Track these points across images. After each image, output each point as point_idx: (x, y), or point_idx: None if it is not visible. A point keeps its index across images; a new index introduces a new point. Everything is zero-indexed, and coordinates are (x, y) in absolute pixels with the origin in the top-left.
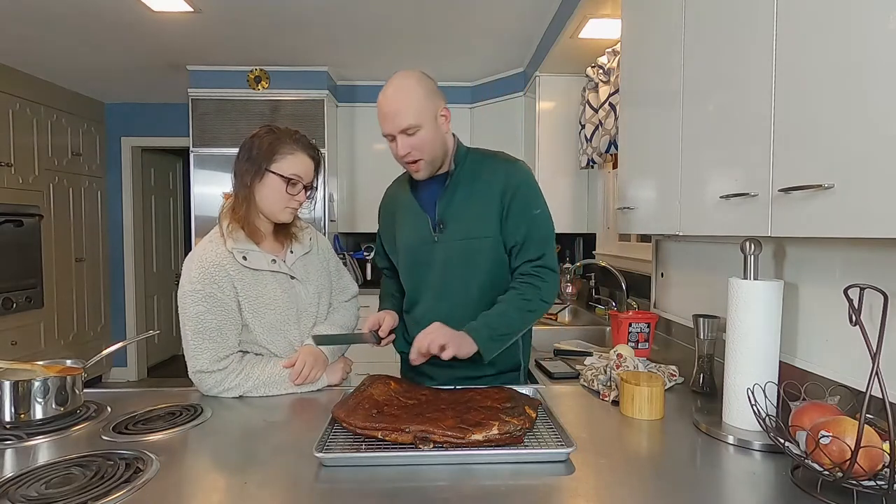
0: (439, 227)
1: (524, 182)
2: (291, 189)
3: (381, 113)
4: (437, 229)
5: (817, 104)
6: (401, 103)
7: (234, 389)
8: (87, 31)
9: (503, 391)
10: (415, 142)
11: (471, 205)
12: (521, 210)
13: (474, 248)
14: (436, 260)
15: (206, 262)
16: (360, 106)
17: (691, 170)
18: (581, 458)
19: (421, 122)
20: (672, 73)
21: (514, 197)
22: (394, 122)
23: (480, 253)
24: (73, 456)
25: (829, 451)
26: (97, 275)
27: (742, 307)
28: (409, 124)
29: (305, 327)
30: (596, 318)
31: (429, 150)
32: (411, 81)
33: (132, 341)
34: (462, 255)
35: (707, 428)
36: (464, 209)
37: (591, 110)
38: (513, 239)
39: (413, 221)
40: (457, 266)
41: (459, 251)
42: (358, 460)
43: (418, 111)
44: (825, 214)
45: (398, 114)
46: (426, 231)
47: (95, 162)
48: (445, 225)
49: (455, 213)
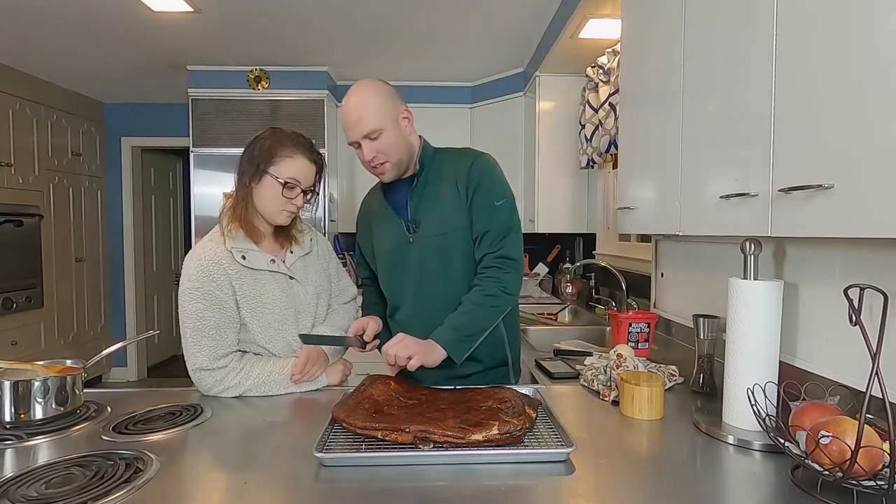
0: (412, 227)
1: (486, 173)
2: (288, 193)
3: (344, 123)
4: (411, 230)
5: (817, 104)
6: (361, 110)
7: (234, 388)
8: (87, 31)
9: (503, 391)
10: (378, 145)
11: (440, 201)
12: (483, 201)
13: (447, 242)
14: (412, 261)
15: (206, 260)
16: None
17: (691, 170)
18: (581, 458)
19: (383, 125)
20: (672, 73)
21: (477, 188)
22: (357, 128)
23: (454, 247)
24: (73, 456)
25: (829, 451)
26: (97, 275)
27: (742, 307)
28: (372, 129)
29: (304, 328)
30: (596, 318)
31: (394, 153)
32: (370, 90)
33: (132, 341)
34: (437, 252)
35: (707, 428)
36: (434, 206)
37: (591, 110)
38: (476, 230)
39: (388, 226)
40: (432, 263)
41: (434, 248)
42: (358, 460)
43: (379, 115)
44: (825, 214)
45: (360, 120)
46: (401, 233)
47: (95, 162)
48: (418, 224)
49: (426, 211)
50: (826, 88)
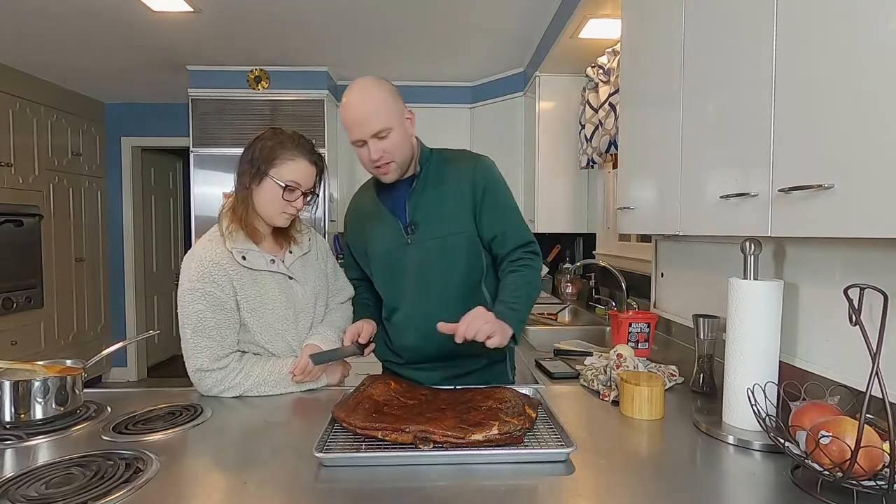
0: (411, 228)
1: (492, 175)
2: (289, 195)
3: (349, 120)
4: (409, 231)
5: (817, 104)
6: (369, 107)
7: (235, 388)
8: (87, 31)
9: (503, 391)
10: (386, 145)
11: (442, 203)
12: (495, 202)
13: (451, 244)
14: (410, 262)
15: (206, 260)
16: None
17: (691, 170)
18: (581, 458)
19: (391, 124)
20: (672, 73)
21: (486, 191)
22: (366, 126)
23: (457, 249)
24: (73, 456)
25: (829, 451)
26: (97, 275)
27: (742, 307)
28: (382, 127)
29: (303, 328)
30: (596, 318)
31: (399, 153)
32: (377, 87)
33: (132, 341)
34: (438, 254)
35: (707, 428)
36: (435, 208)
37: (591, 110)
38: (492, 231)
39: (383, 227)
40: (433, 265)
41: (435, 250)
42: (358, 460)
43: (388, 114)
44: (825, 214)
45: (368, 119)
46: (398, 234)
47: (95, 162)
48: (417, 226)
49: (426, 213)
50: (826, 88)
